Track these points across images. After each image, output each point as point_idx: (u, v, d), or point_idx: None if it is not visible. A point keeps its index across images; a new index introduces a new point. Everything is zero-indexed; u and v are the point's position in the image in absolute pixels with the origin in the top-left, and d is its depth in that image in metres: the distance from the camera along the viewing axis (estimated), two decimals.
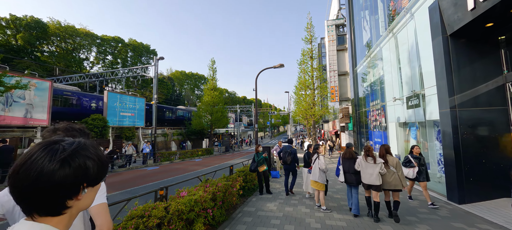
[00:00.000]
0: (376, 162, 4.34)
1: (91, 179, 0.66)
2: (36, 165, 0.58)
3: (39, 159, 0.58)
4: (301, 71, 17.42)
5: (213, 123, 28.14)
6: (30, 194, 0.57)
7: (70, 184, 0.61)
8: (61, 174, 0.59)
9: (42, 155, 0.59)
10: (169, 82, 62.87)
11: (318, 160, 5.03)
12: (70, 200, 0.62)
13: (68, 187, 0.61)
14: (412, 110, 8.29)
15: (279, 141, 10.20)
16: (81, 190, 0.64)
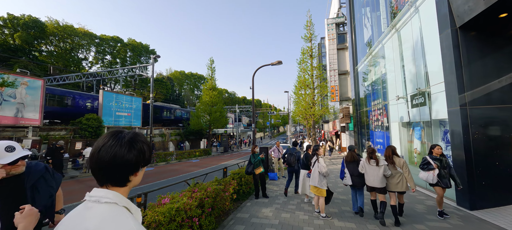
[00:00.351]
0: (379, 164, 4.25)
1: (145, 160, 0.85)
2: (111, 149, 0.77)
3: (113, 144, 0.78)
4: (300, 70, 17.03)
5: (211, 123, 27.73)
6: (107, 170, 0.77)
7: (134, 164, 0.80)
8: (129, 156, 0.79)
9: (113, 143, 0.79)
10: (169, 82, 62.54)
11: (317, 163, 4.61)
12: (131, 175, 0.82)
13: (132, 166, 0.80)
14: (416, 109, 7.88)
15: (277, 141, 9.80)
16: (139, 169, 0.84)
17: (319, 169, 4.52)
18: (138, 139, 0.82)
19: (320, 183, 4.54)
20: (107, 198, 0.75)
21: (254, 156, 6.12)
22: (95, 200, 0.75)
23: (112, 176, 0.78)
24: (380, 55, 11.53)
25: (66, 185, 8.53)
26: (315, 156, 4.73)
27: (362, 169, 4.50)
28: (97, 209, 0.73)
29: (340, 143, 23.38)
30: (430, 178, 4.49)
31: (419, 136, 8.52)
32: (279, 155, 9.40)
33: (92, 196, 0.77)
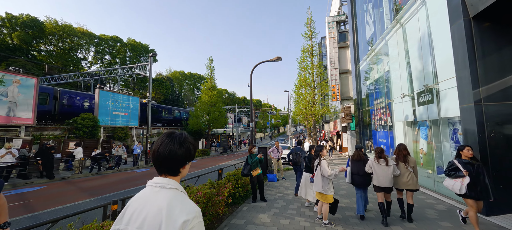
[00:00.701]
0: (388, 164, 4.21)
1: (191, 157, 1.06)
2: (168, 146, 0.99)
3: (168, 142, 1.00)
4: (301, 69, 16.63)
5: (210, 123, 27.35)
6: (165, 162, 0.99)
7: (183, 158, 1.02)
8: (179, 152, 1.00)
9: (169, 141, 1.01)
10: (168, 82, 62.20)
11: (320, 167, 4.20)
12: (181, 168, 1.03)
13: (182, 160, 1.01)
14: (423, 107, 7.47)
15: (276, 141, 9.40)
16: (186, 163, 1.05)
17: (322, 173, 4.12)
18: (186, 140, 1.04)
19: (325, 188, 4.11)
20: (170, 185, 0.96)
21: (252, 157, 5.72)
22: (160, 186, 0.96)
23: (168, 167, 1.00)
24: (383, 52, 11.13)
25: (56, 186, 8.15)
26: (318, 158, 4.29)
27: (369, 169, 4.38)
28: (164, 192, 0.94)
29: (341, 143, 22.96)
30: (457, 188, 3.65)
31: (425, 136, 8.11)
32: (278, 156, 9.00)
33: (157, 183, 0.98)
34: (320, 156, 4.27)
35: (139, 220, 0.89)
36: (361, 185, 4.53)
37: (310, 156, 5.04)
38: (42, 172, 9.09)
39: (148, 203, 0.91)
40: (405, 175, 4.17)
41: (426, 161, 8.10)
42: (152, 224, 0.86)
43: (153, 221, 0.87)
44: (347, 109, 18.64)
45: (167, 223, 0.85)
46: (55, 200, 6.36)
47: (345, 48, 21.35)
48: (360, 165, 4.54)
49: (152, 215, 0.88)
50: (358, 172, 4.54)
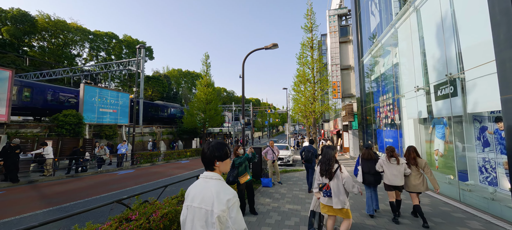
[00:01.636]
0: (399, 163, 4.20)
1: (219, 157, 1.43)
2: (208, 151, 1.43)
3: (204, 148, 1.46)
4: (300, 64, 15.54)
5: (206, 121, 26.27)
6: (204, 161, 1.44)
7: (210, 159, 1.43)
8: (210, 154, 1.42)
9: (205, 147, 1.46)
10: (165, 80, 60.98)
11: (340, 174, 3.08)
12: (213, 165, 1.42)
13: (212, 160, 1.41)
14: (442, 101, 6.42)
15: (271, 141, 8.34)
16: (215, 162, 1.42)
17: (346, 186, 3.00)
18: (214, 146, 1.46)
19: (346, 202, 3.03)
20: (215, 177, 1.39)
21: (239, 159, 4.65)
22: (209, 178, 1.39)
23: (206, 164, 1.44)
24: (391, 43, 10.08)
25: (17, 192, 7.06)
26: (337, 164, 3.14)
27: (380, 168, 4.41)
28: (213, 181, 1.36)
29: (342, 143, 21.94)
30: None
31: (442, 135, 7.07)
32: (273, 157, 7.93)
33: (206, 176, 1.40)
34: (339, 164, 3.15)
35: (199, 199, 1.32)
36: (372, 183, 4.59)
37: (326, 160, 3.90)
38: (6, 174, 7.99)
39: (203, 189, 1.34)
40: (416, 178, 4.13)
41: (443, 164, 7.06)
42: (207, 202, 1.28)
43: (208, 200, 1.28)
44: (349, 107, 17.60)
45: (217, 201, 1.27)
46: (5, 209, 5.28)
47: (346, 43, 20.28)
48: (371, 164, 4.57)
49: (207, 196, 1.30)
50: (369, 170, 4.56)
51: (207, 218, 1.25)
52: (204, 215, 1.26)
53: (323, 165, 3.16)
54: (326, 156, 3.16)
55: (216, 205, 1.24)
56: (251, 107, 44.95)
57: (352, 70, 19.81)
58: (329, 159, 3.11)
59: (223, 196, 1.27)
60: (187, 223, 1.30)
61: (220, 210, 1.23)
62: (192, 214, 1.30)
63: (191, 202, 1.33)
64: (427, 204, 5.46)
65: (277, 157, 8.23)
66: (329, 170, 3.06)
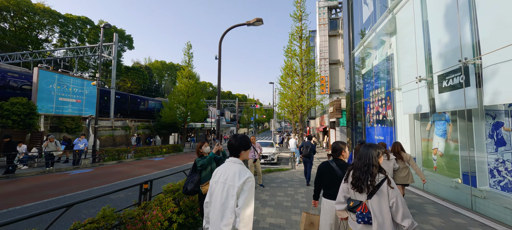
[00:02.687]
0: (390, 159, 4.27)
1: (244, 147, 1.77)
2: (236, 142, 1.77)
3: (231, 139, 1.79)
4: (287, 56, 14.47)
5: (187, 115, 24.52)
6: (230, 150, 1.78)
7: (237, 148, 1.75)
8: (235, 144, 1.78)
9: (231, 138, 1.80)
10: (146, 72, 57.55)
11: (389, 190, 1.79)
12: (239, 153, 1.75)
13: (237, 149, 1.75)
14: (448, 93, 5.58)
15: (252, 136, 7.14)
16: (241, 151, 1.76)
17: (394, 210, 1.76)
18: (240, 138, 1.79)
19: None
20: (238, 161, 1.71)
21: (202, 161, 3.35)
22: (234, 161, 1.71)
23: (232, 152, 1.77)
24: (387, 31, 9.24)
25: None
26: (380, 173, 1.91)
27: None
28: (237, 165, 1.68)
29: (328, 140, 21.37)
30: None
31: (443, 132, 6.30)
32: (255, 156, 6.76)
33: (231, 160, 1.73)
34: (386, 174, 1.93)
35: (224, 176, 1.65)
36: None
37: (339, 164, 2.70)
38: None
39: (228, 169, 1.67)
40: (403, 171, 4.39)
41: (442, 165, 6.30)
42: (231, 179, 1.60)
43: (233, 177, 1.61)
44: (337, 102, 16.89)
45: (239, 177, 1.59)
46: None
47: (336, 37, 19.56)
48: None
49: (231, 175, 1.62)
50: None
51: (229, 191, 1.60)
52: (227, 189, 1.62)
53: (357, 171, 1.95)
54: (364, 158, 1.95)
55: (236, 181, 1.60)
56: (236, 103, 43.53)
57: (340, 65, 19.14)
58: (369, 165, 1.90)
59: (243, 175, 1.62)
60: (214, 194, 1.68)
61: (239, 185, 1.58)
62: (219, 187, 1.67)
63: (218, 179, 1.71)
64: (435, 214, 4.58)
65: (259, 156, 7.06)
66: (368, 181, 1.85)
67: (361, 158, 1.98)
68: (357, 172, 1.93)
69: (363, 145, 2.11)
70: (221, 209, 1.57)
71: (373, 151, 1.96)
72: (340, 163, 2.44)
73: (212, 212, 1.63)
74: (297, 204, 5.11)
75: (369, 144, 2.05)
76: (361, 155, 2.00)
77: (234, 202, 1.54)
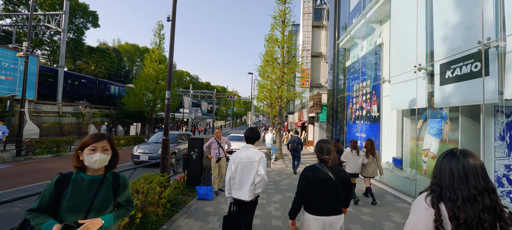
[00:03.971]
0: (359, 154, 4.92)
1: (257, 139, 2.68)
2: (253, 135, 2.65)
3: (246, 132, 2.68)
4: (269, 42, 13.07)
5: (156, 103, 22.02)
6: (251, 140, 2.63)
7: (253, 139, 2.64)
8: (255, 137, 2.65)
9: (250, 132, 2.65)
10: (115, 55, 51.92)
11: None
12: (254, 143, 2.64)
13: (253, 140, 2.63)
14: (454, 85, 4.67)
15: (217, 129, 5.66)
16: (255, 142, 2.67)
17: None
18: (255, 130, 2.65)
19: None
20: (253, 147, 2.57)
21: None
22: (250, 147, 2.53)
23: (251, 141, 2.59)
24: (378, 16, 8.31)
25: None
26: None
27: (345, 158, 5.02)
28: (252, 149, 2.52)
29: (306, 136, 20.74)
30: None
31: (438, 131, 5.48)
32: (219, 154, 5.30)
33: (248, 146, 2.55)
34: None
35: (245, 157, 2.39)
36: None
37: None
38: None
39: (247, 151, 2.44)
40: (372, 165, 5.00)
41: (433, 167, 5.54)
42: (251, 157, 2.38)
43: (252, 155, 2.38)
44: (318, 97, 16.08)
45: (255, 156, 2.37)
46: None
47: (319, 28, 18.67)
48: (338, 155, 4.90)
49: (251, 154, 2.41)
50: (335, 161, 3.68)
51: (251, 165, 2.37)
52: (250, 164, 2.37)
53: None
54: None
55: (256, 157, 2.40)
56: (214, 94, 41.33)
57: (323, 58, 18.36)
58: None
59: (258, 154, 2.43)
60: (237, 172, 2.39)
61: (257, 160, 2.38)
62: (241, 166, 2.39)
63: (240, 160, 2.40)
64: None
65: (226, 153, 5.62)
66: None
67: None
68: None
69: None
70: (248, 175, 2.37)
71: None
72: (335, 169, 1.96)
73: (239, 180, 2.39)
74: (269, 221, 3.82)
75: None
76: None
77: (255, 169, 2.36)
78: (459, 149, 1.08)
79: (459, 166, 1.01)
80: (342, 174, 1.92)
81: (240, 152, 2.47)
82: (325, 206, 1.82)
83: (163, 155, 4.17)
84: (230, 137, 12.56)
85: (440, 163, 1.14)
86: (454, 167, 1.04)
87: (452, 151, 1.10)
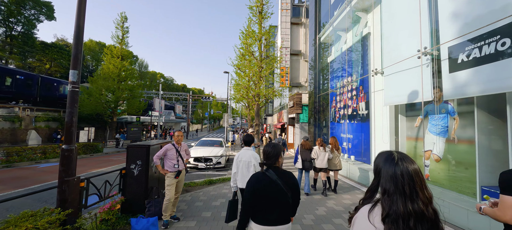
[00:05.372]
0: (326, 151, 5.53)
1: (251, 142, 3.42)
2: (250, 139, 3.35)
3: (247, 138, 3.34)
4: (245, 37, 11.74)
5: (118, 105, 19.29)
6: (248, 143, 3.32)
7: (249, 142, 3.39)
8: (252, 140, 3.44)
9: (247, 137, 3.33)
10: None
11: None
12: (251, 145, 3.47)
13: (249, 143, 3.41)
14: (470, 71, 3.75)
15: (177, 131, 4.08)
16: (253, 144, 5.09)
17: None
18: (253, 138, 3.48)
19: None
20: (252, 149, 3.30)
21: None
22: (249, 149, 3.25)
23: (249, 144, 3.32)
24: (364, 4, 7.48)
25: None
26: None
27: (315, 155, 5.54)
28: (250, 151, 3.22)
29: (285, 138, 19.76)
30: None
31: (443, 130, 4.59)
32: (180, 166, 3.76)
33: (247, 148, 3.27)
34: None
35: (245, 157, 3.11)
36: (308, 168, 5.60)
37: None
38: None
39: (246, 153, 3.15)
40: (336, 159, 5.64)
41: (441, 173, 4.63)
42: (249, 158, 3.10)
43: (249, 157, 3.11)
44: (298, 97, 15.15)
45: (251, 158, 3.09)
46: None
47: (298, 26, 17.90)
48: (308, 153, 5.59)
49: (248, 156, 3.12)
50: (306, 158, 5.57)
51: (249, 165, 3.07)
52: (248, 163, 3.08)
53: None
54: None
55: (252, 160, 3.08)
56: (189, 96, 38.77)
57: (302, 57, 17.58)
58: None
59: (255, 157, 3.12)
60: (239, 169, 3.10)
61: (253, 160, 3.07)
62: (242, 165, 3.10)
63: (241, 159, 3.10)
64: None
65: (186, 164, 4.07)
66: None
67: None
68: None
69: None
70: (247, 170, 3.06)
71: None
72: (282, 174, 1.85)
73: (241, 175, 3.07)
74: None
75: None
76: None
77: (253, 166, 3.04)
78: (398, 153, 1.00)
79: (397, 173, 0.94)
80: (291, 179, 1.84)
81: (242, 154, 3.14)
82: (273, 215, 1.74)
83: (62, 177, 2.51)
84: (201, 141, 10.87)
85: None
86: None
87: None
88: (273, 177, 1.76)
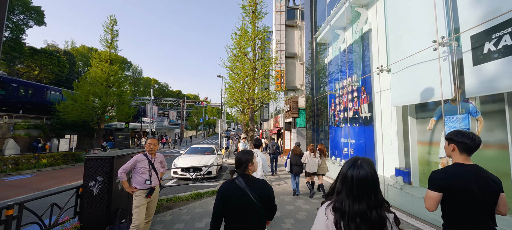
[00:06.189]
0: (316, 156, 5.99)
1: (260, 145, 4.33)
2: (258, 143, 4.28)
3: (255, 141, 4.31)
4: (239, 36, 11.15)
5: (105, 111, 18.33)
6: (257, 146, 4.27)
7: (259, 145, 4.36)
8: (259, 143, 4.31)
9: (256, 139, 4.39)
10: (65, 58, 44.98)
11: None
12: (259, 148, 4.34)
13: (260, 146, 4.33)
14: (500, 62, 3.15)
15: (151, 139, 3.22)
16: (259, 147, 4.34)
17: None
18: (260, 141, 4.39)
19: None
20: (259, 151, 3.98)
21: None
22: (258, 151, 3.95)
23: (257, 147, 4.18)
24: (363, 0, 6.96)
25: None
26: None
27: (305, 160, 5.92)
28: (260, 152, 3.90)
29: (282, 144, 19.04)
30: None
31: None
32: (152, 182, 2.99)
33: (256, 150, 3.92)
34: None
35: (258, 156, 3.65)
36: (298, 172, 6.04)
37: None
38: None
39: (259, 154, 3.81)
40: (324, 164, 6.15)
41: None
42: (260, 157, 3.75)
43: (260, 156, 3.75)
44: (294, 100, 14.52)
45: (261, 158, 3.71)
46: None
47: (293, 28, 17.49)
48: (298, 157, 6.04)
49: (260, 155, 3.77)
50: (296, 163, 6.02)
51: (259, 162, 3.56)
52: (258, 161, 3.41)
53: None
54: None
55: (260, 160, 3.65)
56: (183, 102, 37.88)
57: (297, 59, 17.10)
58: None
59: (263, 157, 3.71)
60: (258, 165, 3.41)
61: (260, 160, 3.67)
62: (258, 160, 3.47)
63: (257, 158, 2.51)
64: None
65: (160, 179, 3.31)
66: None
67: None
68: None
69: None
70: (259, 168, 3.62)
71: None
72: (253, 182, 1.77)
73: None
74: None
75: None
76: None
77: (261, 165, 3.63)
78: (362, 160, 1.14)
79: (348, 175, 1.10)
80: (262, 191, 1.74)
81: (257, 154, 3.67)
82: (242, 224, 1.68)
83: None
84: (191, 149, 10.03)
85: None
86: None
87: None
88: (241, 185, 1.71)
